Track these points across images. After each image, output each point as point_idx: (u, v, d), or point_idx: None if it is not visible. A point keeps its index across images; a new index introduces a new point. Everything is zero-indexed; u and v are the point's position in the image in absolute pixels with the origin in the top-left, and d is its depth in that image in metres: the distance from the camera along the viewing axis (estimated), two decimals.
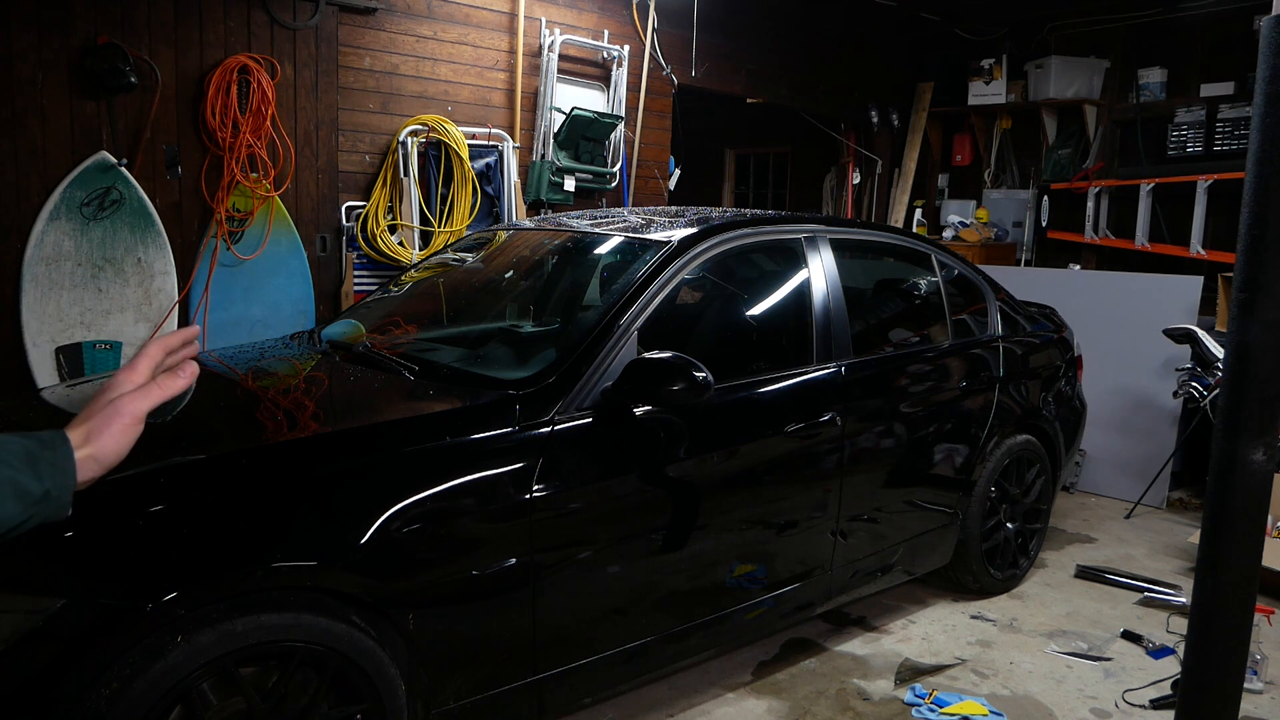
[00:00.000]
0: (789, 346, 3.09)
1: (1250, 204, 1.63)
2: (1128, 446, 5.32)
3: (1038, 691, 3.12)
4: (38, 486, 0.96)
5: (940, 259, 3.79)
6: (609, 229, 3.22)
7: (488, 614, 2.23)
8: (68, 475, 1.00)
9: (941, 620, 3.64)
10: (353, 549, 1.99)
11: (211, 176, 4.30)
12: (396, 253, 4.81)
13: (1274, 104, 1.58)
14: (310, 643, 1.93)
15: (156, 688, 1.75)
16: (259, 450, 2.14)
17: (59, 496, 0.99)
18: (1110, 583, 4.07)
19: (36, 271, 3.87)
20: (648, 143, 6.20)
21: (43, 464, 0.97)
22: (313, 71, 4.60)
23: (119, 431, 1.05)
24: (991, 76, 7.71)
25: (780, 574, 2.96)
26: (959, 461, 3.55)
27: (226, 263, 4.37)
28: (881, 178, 8.42)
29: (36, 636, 1.68)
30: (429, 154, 4.96)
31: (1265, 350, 1.64)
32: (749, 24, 6.76)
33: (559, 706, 2.50)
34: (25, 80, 3.79)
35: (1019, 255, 7.88)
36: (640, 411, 2.50)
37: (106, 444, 1.04)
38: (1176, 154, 6.75)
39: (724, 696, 3.00)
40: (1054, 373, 4.13)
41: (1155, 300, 5.28)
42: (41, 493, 0.96)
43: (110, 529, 1.82)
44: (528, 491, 2.25)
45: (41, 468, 0.97)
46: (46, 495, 0.97)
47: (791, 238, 3.20)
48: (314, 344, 3.12)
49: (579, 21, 5.67)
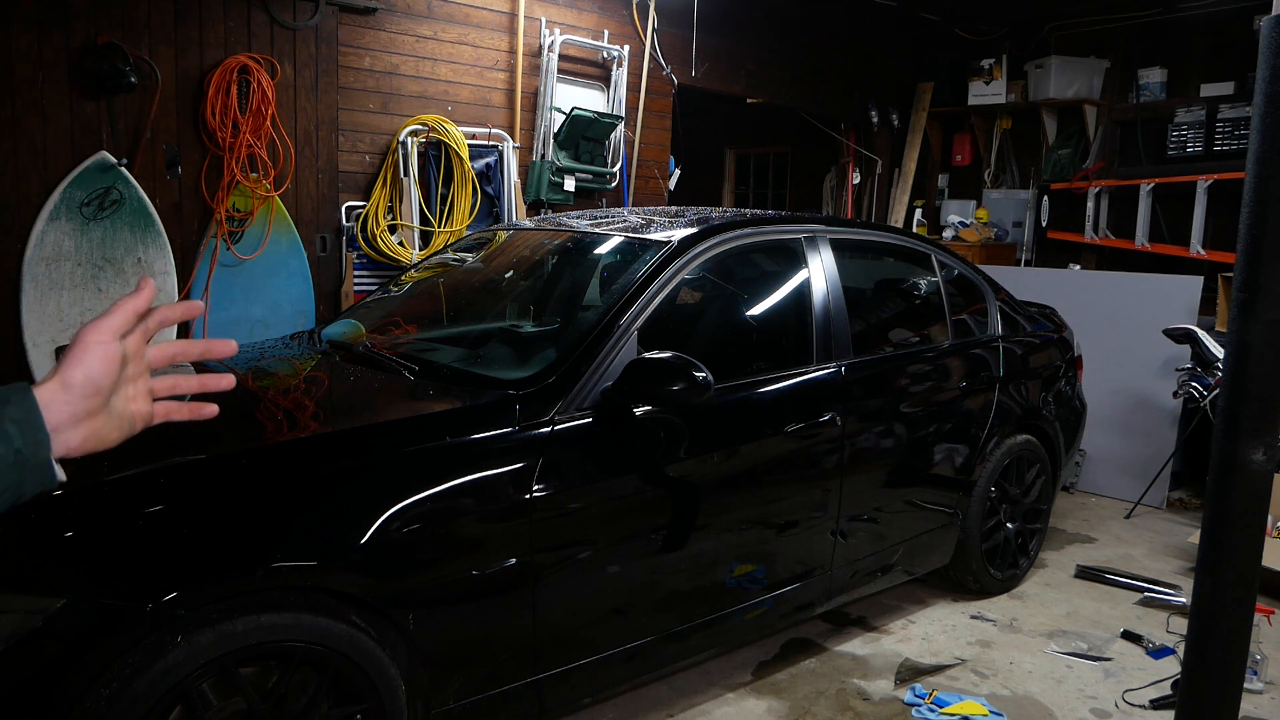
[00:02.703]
0: (789, 346, 3.09)
1: (1250, 204, 1.63)
2: (1128, 446, 5.32)
3: (1038, 691, 3.12)
4: (2, 446, 0.85)
5: (940, 259, 3.79)
6: (609, 229, 3.22)
7: (488, 614, 2.23)
8: (36, 429, 0.87)
9: (941, 620, 3.64)
10: (353, 549, 1.99)
11: (211, 176, 4.30)
12: (396, 253, 4.81)
13: (1274, 104, 1.58)
14: (310, 643, 1.93)
15: (156, 688, 1.75)
16: (259, 450, 2.14)
17: (35, 456, 0.87)
18: (1110, 583, 4.07)
19: (36, 271, 3.86)
20: (648, 143, 6.20)
21: (5, 422, 0.86)
22: (313, 71, 4.59)
23: (82, 352, 0.91)
24: (991, 76, 7.71)
25: (780, 574, 2.96)
26: (959, 461, 3.55)
27: (226, 263, 4.37)
28: (881, 178, 8.42)
29: (36, 636, 1.68)
30: (429, 154, 4.96)
31: (1265, 350, 1.64)
32: (749, 24, 6.75)
33: (559, 706, 2.50)
34: (25, 80, 3.79)
35: (1019, 255, 7.87)
36: (640, 411, 2.50)
37: (72, 369, 0.91)
38: (1176, 154, 6.75)
39: (724, 696, 3.00)
40: (1054, 373, 4.13)
41: (1155, 300, 5.28)
42: (12, 454, 0.85)
43: (110, 529, 1.82)
44: (528, 491, 2.25)
45: (5, 426, 0.85)
46: (19, 456, 0.86)
47: (791, 238, 3.20)
48: (314, 344, 3.12)
49: (579, 21, 5.67)
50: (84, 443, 0.92)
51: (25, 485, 0.87)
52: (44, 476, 0.88)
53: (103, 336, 0.92)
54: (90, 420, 0.92)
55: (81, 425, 0.91)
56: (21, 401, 0.87)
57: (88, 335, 0.91)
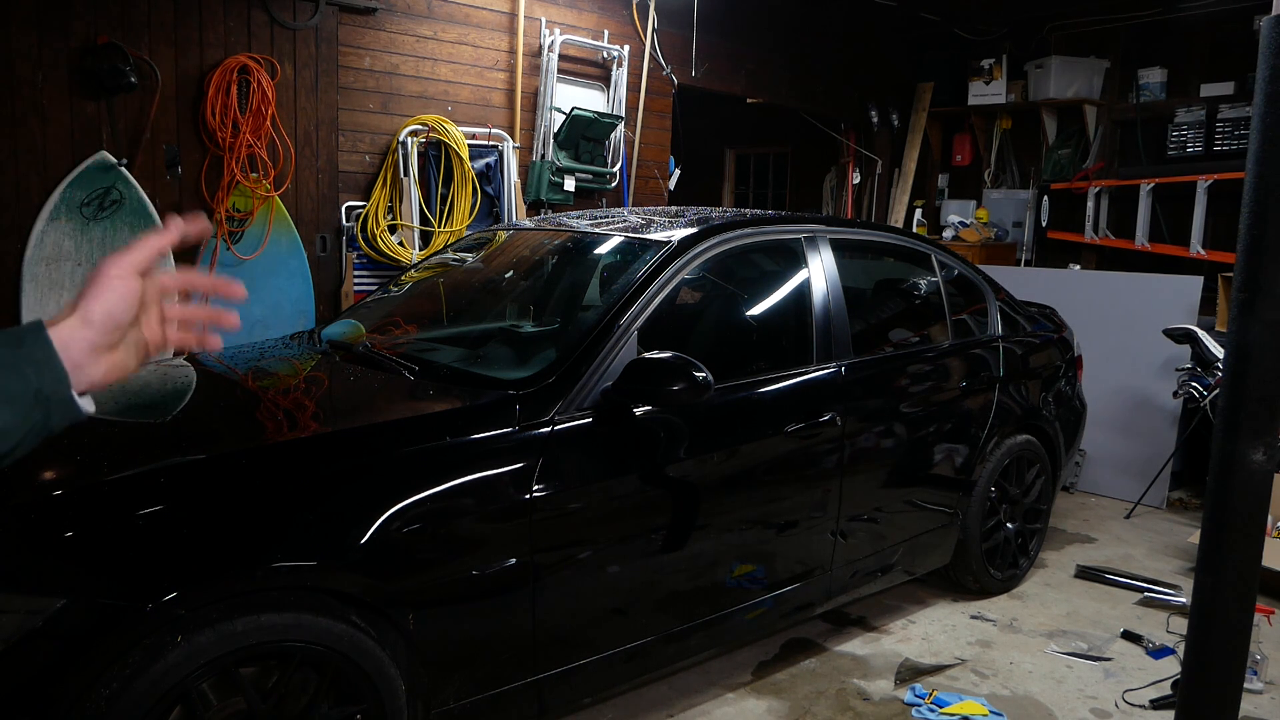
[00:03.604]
0: (789, 346, 3.09)
1: (1250, 204, 1.63)
2: (1128, 446, 5.32)
3: (1038, 691, 3.12)
4: (22, 386, 0.84)
5: (940, 259, 3.79)
6: (609, 229, 3.22)
7: (488, 614, 2.23)
8: (54, 368, 0.87)
9: (941, 620, 3.64)
10: (353, 549, 1.99)
11: (211, 176, 4.30)
12: (396, 253, 4.81)
13: (1274, 104, 1.58)
14: (310, 643, 1.93)
15: (156, 688, 1.75)
16: (259, 450, 2.14)
17: (56, 393, 0.86)
18: (1110, 583, 4.07)
19: (36, 271, 3.87)
20: (648, 143, 6.20)
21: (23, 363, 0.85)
22: (313, 71, 4.60)
23: (103, 286, 0.91)
24: (991, 76, 7.71)
25: (780, 574, 2.96)
26: (959, 461, 3.55)
27: (226, 263, 4.37)
28: (881, 178, 8.42)
29: (36, 636, 1.68)
30: (429, 154, 4.96)
31: (1265, 350, 1.64)
32: (749, 24, 6.76)
33: (559, 706, 2.50)
34: (25, 80, 3.79)
35: (1019, 255, 7.87)
36: (640, 411, 2.50)
37: (92, 304, 0.90)
38: (1176, 154, 6.75)
39: (724, 696, 3.00)
40: (1054, 373, 4.13)
41: (1155, 300, 5.28)
42: (32, 393, 0.85)
43: (110, 529, 1.82)
44: (528, 491, 2.25)
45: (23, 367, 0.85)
46: (40, 395, 0.85)
47: (791, 238, 3.20)
48: (314, 344, 3.12)
49: (579, 21, 5.67)
50: (106, 375, 0.92)
51: (51, 420, 0.88)
52: (69, 411, 0.89)
53: (124, 271, 0.92)
54: (110, 353, 0.92)
55: (102, 359, 0.91)
56: (36, 341, 0.87)
57: (109, 269, 0.91)
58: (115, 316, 0.91)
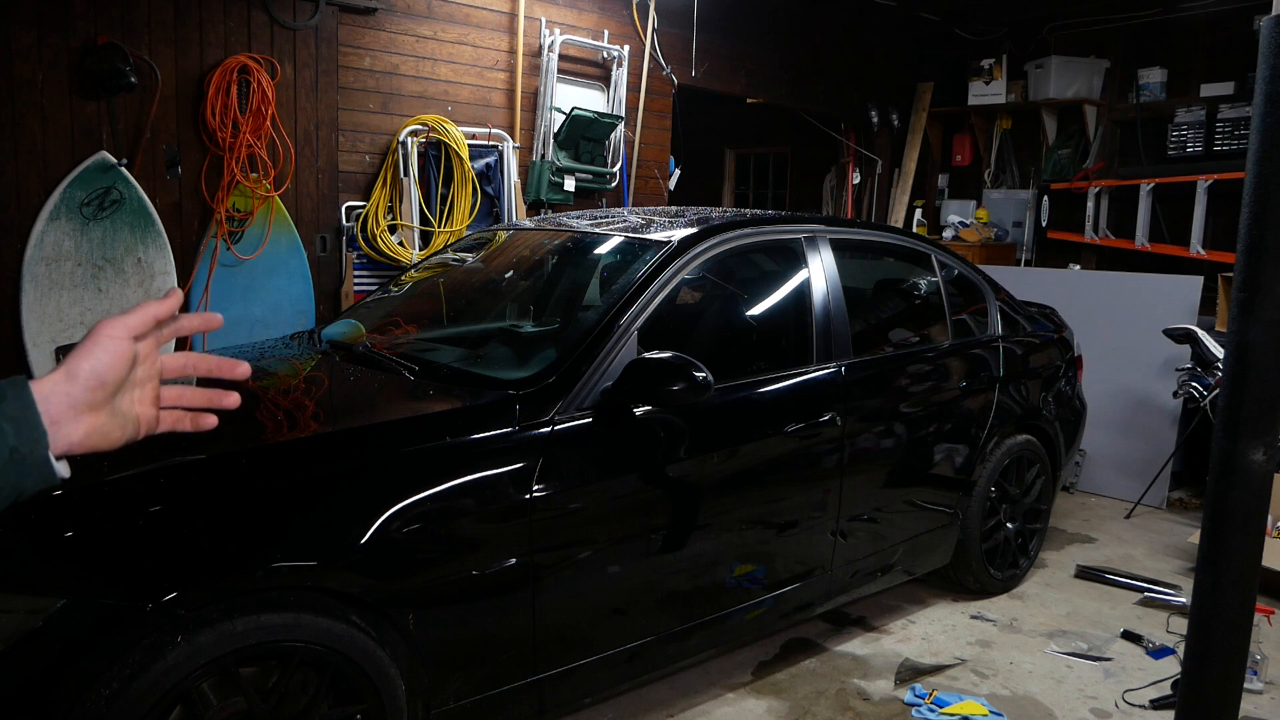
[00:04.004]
0: (789, 346, 3.09)
1: (1250, 204, 1.63)
2: (1128, 446, 5.32)
3: (1038, 691, 3.12)
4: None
5: (940, 259, 3.79)
6: (609, 229, 3.22)
7: (488, 614, 2.23)
8: (33, 425, 0.84)
9: (941, 620, 3.64)
10: (353, 549, 1.99)
11: (211, 176, 4.30)
12: (396, 253, 4.81)
13: (1274, 104, 1.58)
14: (310, 643, 1.93)
15: (156, 688, 1.75)
16: (259, 450, 2.14)
17: (32, 453, 0.84)
18: (1110, 583, 4.07)
19: (36, 271, 3.87)
20: (648, 143, 6.20)
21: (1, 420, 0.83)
22: (313, 71, 4.59)
23: (93, 345, 0.89)
24: (991, 76, 7.71)
25: (780, 574, 2.96)
26: (959, 461, 3.55)
27: (226, 263, 4.37)
28: (881, 178, 8.42)
29: (36, 636, 1.68)
30: (429, 154, 4.96)
31: (1265, 350, 1.64)
32: (749, 24, 6.75)
33: (559, 706, 2.50)
34: (25, 80, 3.79)
35: (1019, 255, 7.87)
36: (640, 411, 2.50)
37: (80, 360, 0.88)
38: (1176, 154, 6.75)
39: (724, 696, 3.00)
40: (1054, 373, 4.13)
41: (1155, 300, 5.28)
42: (7, 451, 0.82)
43: (110, 529, 1.82)
44: (528, 491, 2.25)
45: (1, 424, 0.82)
46: (16, 454, 0.83)
47: (791, 238, 3.20)
48: (314, 344, 3.12)
49: (579, 21, 5.67)
50: (86, 438, 0.89)
51: (24, 483, 0.85)
52: (43, 473, 0.86)
53: (117, 332, 0.91)
54: (93, 415, 0.89)
55: (83, 419, 0.88)
56: (18, 397, 0.84)
57: (102, 329, 0.90)
58: (101, 374, 0.89)
